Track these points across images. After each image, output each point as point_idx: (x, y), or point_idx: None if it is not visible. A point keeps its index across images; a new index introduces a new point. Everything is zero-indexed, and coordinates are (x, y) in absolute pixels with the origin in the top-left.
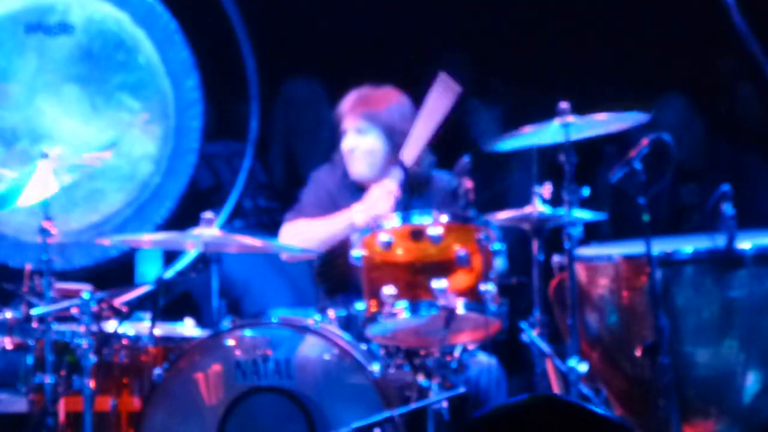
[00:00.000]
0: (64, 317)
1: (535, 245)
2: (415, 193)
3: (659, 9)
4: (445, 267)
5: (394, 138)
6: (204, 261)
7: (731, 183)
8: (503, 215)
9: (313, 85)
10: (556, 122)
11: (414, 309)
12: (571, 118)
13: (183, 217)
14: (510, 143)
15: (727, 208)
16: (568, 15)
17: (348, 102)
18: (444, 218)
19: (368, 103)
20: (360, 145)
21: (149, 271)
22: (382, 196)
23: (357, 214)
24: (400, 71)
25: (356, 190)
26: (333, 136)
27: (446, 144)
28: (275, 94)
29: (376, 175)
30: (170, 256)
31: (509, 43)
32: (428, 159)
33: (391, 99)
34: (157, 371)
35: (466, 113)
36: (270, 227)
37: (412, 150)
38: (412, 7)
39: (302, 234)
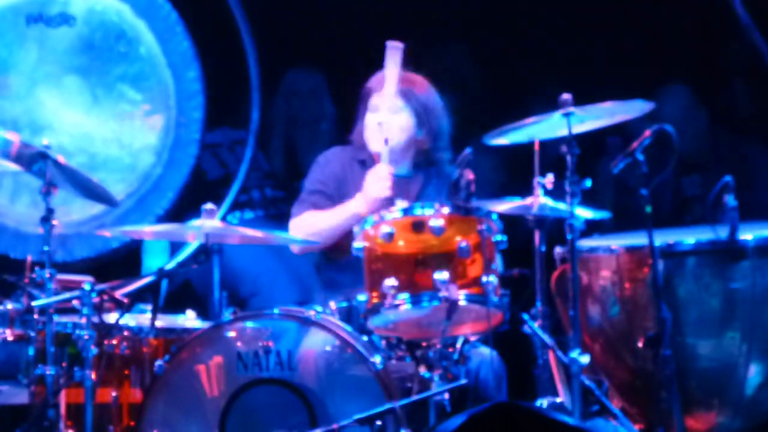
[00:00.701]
0: (65, 309)
1: (537, 237)
2: (432, 181)
3: (664, 1)
4: (446, 258)
5: (428, 119)
6: (206, 252)
7: (733, 174)
8: (505, 206)
9: (314, 76)
10: (559, 113)
11: (415, 301)
12: (573, 109)
13: (191, 208)
14: (512, 135)
15: (730, 200)
16: (570, 6)
17: (388, 73)
18: (445, 210)
19: (407, 82)
20: (392, 121)
21: (155, 263)
22: (377, 180)
23: (357, 202)
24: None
25: (366, 169)
26: (334, 127)
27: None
28: (276, 86)
29: (397, 152)
30: (177, 248)
31: (512, 34)
32: (447, 152)
33: (427, 84)
34: (159, 363)
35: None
36: (278, 218)
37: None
38: (416, 2)
39: (309, 228)
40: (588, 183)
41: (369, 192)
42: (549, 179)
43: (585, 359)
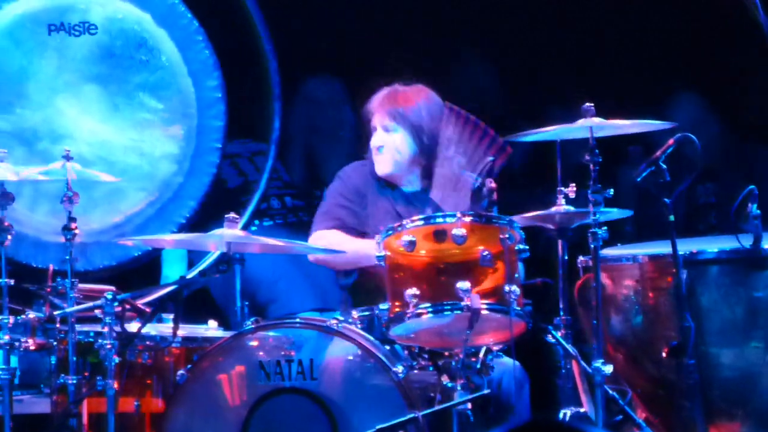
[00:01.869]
0: (86, 318)
1: (560, 246)
2: (447, 194)
3: (676, 7)
4: (468, 268)
5: (422, 138)
6: (227, 261)
7: (747, 182)
8: (528, 216)
9: (333, 84)
10: (580, 123)
11: (437, 310)
12: (595, 120)
13: (212, 217)
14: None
15: (753, 209)
16: (587, 15)
17: (377, 99)
18: (467, 219)
19: (397, 101)
20: (387, 143)
21: (174, 272)
22: None
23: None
24: (421, 69)
25: (385, 187)
26: (354, 135)
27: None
28: (295, 94)
29: (401, 174)
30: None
31: (530, 44)
32: (458, 159)
33: (420, 98)
34: (180, 372)
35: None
36: (298, 226)
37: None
38: (434, 6)
39: (333, 247)
40: (610, 192)
41: None
42: (571, 188)
43: (608, 369)
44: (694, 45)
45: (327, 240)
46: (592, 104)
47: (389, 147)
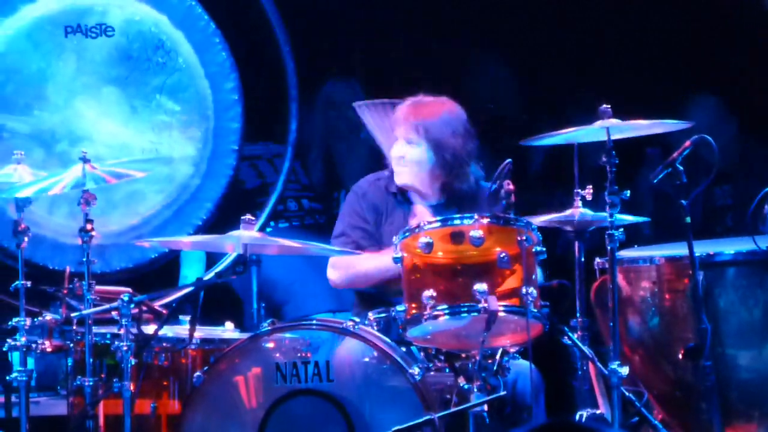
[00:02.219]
0: (103, 320)
1: (576, 248)
2: (464, 205)
3: (694, 9)
4: (486, 269)
5: (442, 152)
6: (244, 263)
7: (764, 184)
8: (545, 218)
9: (351, 86)
10: (598, 125)
11: (454, 311)
12: (612, 121)
13: (229, 218)
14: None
15: None
16: (603, 17)
17: (402, 109)
18: (485, 220)
19: (421, 114)
20: (408, 155)
21: (192, 274)
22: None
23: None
24: (439, 73)
25: (403, 201)
26: (372, 137)
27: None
28: (314, 97)
29: (420, 186)
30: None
31: (547, 47)
32: (476, 174)
33: (444, 112)
34: (197, 374)
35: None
36: (315, 228)
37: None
38: (452, 9)
39: (350, 270)
40: (627, 194)
41: None
42: (588, 190)
43: (625, 370)
44: (711, 47)
45: (343, 265)
46: (609, 106)
47: (410, 159)
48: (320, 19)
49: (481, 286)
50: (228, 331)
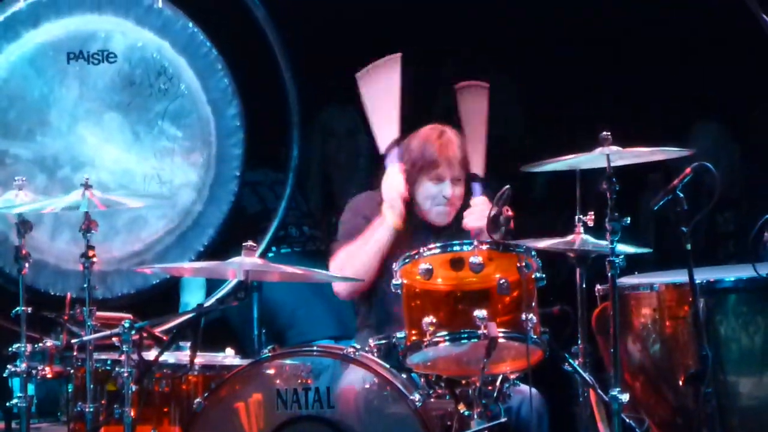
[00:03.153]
0: (104, 346)
1: (578, 274)
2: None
3: (696, 37)
4: (485, 296)
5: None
6: (245, 289)
7: (766, 211)
8: (545, 243)
9: (349, 113)
10: (598, 151)
11: (454, 338)
12: (613, 148)
13: (231, 244)
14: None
15: None
16: (607, 43)
17: (445, 146)
18: (484, 246)
19: (460, 151)
20: (456, 193)
21: (192, 300)
22: (390, 184)
23: (384, 212)
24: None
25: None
26: (370, 164)
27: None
28: (312, 123)
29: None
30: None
31: (549, 73)
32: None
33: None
34: (198, 400)
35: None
36: (316, 254)
37: (477, 159)
38: (451, 37)
39: (347, 262)
40: (627, 220)
41: (387, 194)
42: (590, 216)
43: (625, 397)
44: (714, 73)
45: (340, 262)
46: (609, 133)
47: (457, 198)
48: (320, 46)
49: (481, 313)
50: (229, 357)
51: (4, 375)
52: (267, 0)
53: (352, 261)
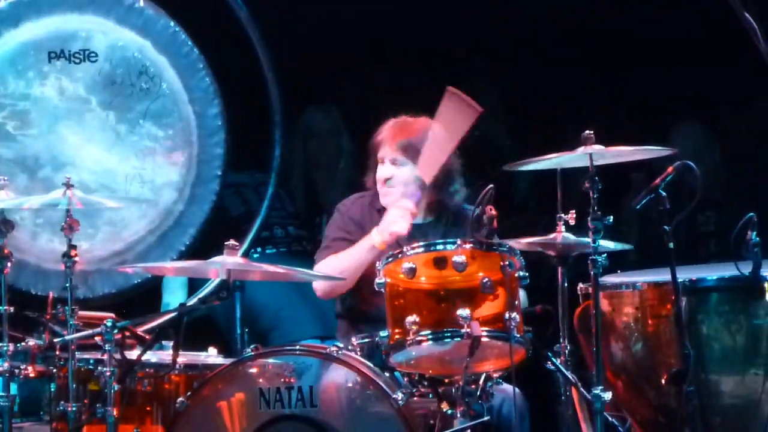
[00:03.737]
0: (87, 345)
1: (560, 273)
2: (449, 225)
3: (679, 37)
4: (469, 295)
5: None
6: (227, 288)
7: (747, 210)
8: (528, 241)
9: (331, 114)
10: (580, 151)
11: (438, 337)
12: (595, 147)
13: (213, 245)
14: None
15: (753, 236)
16: (590, 45)
17: (386, 130)
18: (468, 246)
19: (406, 134)
20: (396, 176)
21: (174, 300)
22: (399, 215)
23: (376, 236)
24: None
25: (381, 219)
26: (353, 164)
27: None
28: (295, 123)
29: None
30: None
31: (532, 71)
32: (463, 192)
33: (428, 130)
34: (180, 399)
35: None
36: (301, 254)
37: (428, 168)
38: (436, 38)
39: (332, 270)
40: (610, 219)
41: (389, 226)
42: (572, 215)
43: (608, 396)
44: (696, 73)
45: (326, 268)
46: (592, 132)
47: (398, 180)
48: (302, 46)
49: (464, 311)
50: (212, 356)
51: None
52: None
53: (337, 267)
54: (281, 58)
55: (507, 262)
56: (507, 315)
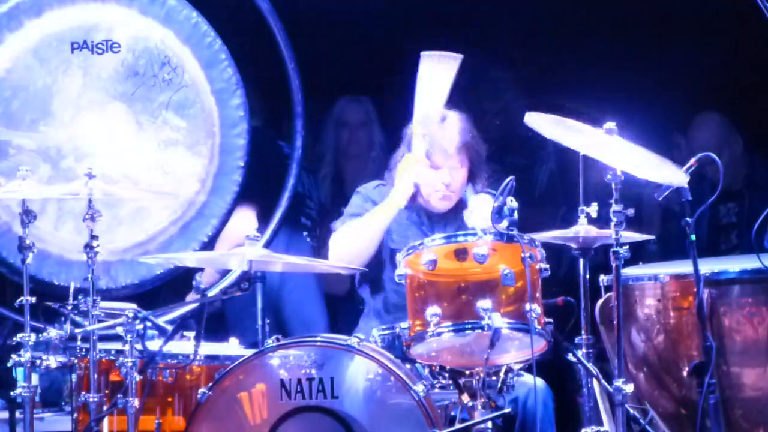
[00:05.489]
0: (108, 336)
1: (581, 265)
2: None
3: (700, 27)
4: (490, 286)
5: (481, 170)
6: (249, 279)
7: None
8: (549, 234)
9: (363, 105)
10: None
11: (458, 329)
12: (617, 139)
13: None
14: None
15: None
16: (612, 33)
17: (451, 129)
18: (489, 237)
19: (463, 135)
20: (456, 181)
21: None
22: (407, 166)
23: (393, 192)
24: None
25: (408, 207)
26: (383, 155)
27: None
28: (323, 114)
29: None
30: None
31: (555, 63)
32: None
33: (471, 127)
34: (202, 390)
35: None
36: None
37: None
38: (456, 29)
39: (349, 236)
40: (632, 211)
41: (402, 177)
42: (593, 207)
43: (629, 388)
44: (719, 65)
45: (341, 234)
46: (614, 123)
47: (458, 184)
48: (331, 37)
49: (485, 303)
50: (233, 347)
51: (8, 365)
52: None
53: (351, 235)
54: (309, 50)
55: (528, 254)
56: (528, 307)
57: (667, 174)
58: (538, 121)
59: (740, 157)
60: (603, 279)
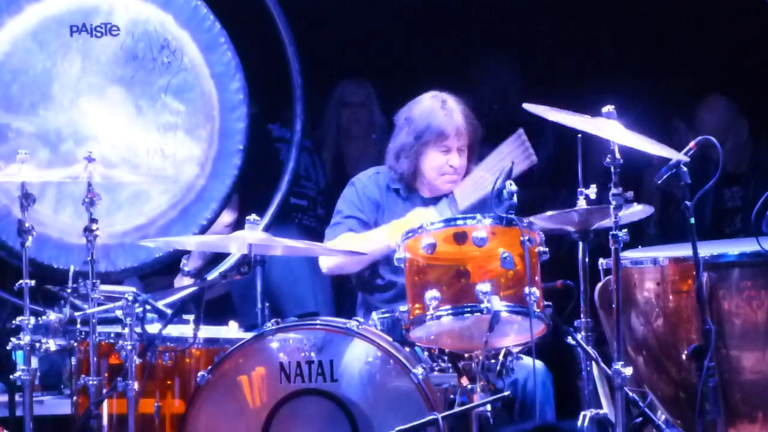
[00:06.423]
0: (108, 319)
1: (580, 248)
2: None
3: (703, 12)
4: (489, 270)
5: (475, 153)
6: (248, 263)
7: None
8: (546, 216)
9: (364, 87)
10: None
11: (457, 312)
12: (616, 122)
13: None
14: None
15: None
16: (613, 18)
17: (456, 116)
18: (488, 221)
19: (467, 121)
20: (462, 165)
21: None
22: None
23: (391, 234)
24: (448, 72)
25: (403, 196)
26: (384, 138)
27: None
28: (325, 97)
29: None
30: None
31: (555, 47)
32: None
33: (470, 113)
34: (201, 374)
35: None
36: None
37: (467, 194)
38: (460, 14)
39: (342, 251)
40: (631, 194)
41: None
42: (592, 190)
43: (628, 371)
44: (722, 49)
45: (338, 246)
46: (613, 106)
47: (462, 168)
48: (331, 21)
49: (484, 287)
50: (232, 330)
51: (8, 348)
52: None
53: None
54: (310, 33)
55: (527, 237)
56: (527, 290)
57: (664, 153)
58: (536, 110)
59: (746, 140)
60: (602, 262)
